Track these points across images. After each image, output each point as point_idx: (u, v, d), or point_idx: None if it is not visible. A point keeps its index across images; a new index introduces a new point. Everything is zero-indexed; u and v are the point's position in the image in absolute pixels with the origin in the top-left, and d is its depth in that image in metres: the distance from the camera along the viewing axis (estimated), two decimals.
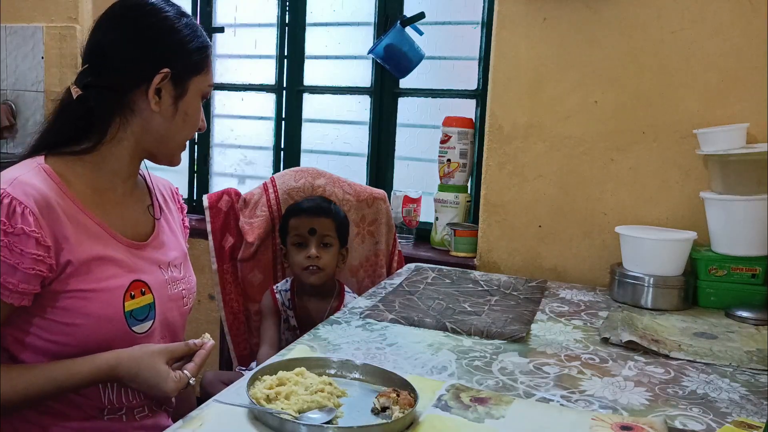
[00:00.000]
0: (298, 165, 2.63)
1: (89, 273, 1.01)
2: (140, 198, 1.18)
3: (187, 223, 1.33)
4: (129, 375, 1.01)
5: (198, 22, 1.15)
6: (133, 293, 1.05)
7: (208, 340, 1.08)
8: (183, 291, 1.17)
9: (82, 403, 1.05)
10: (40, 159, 1.05)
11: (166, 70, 1.05)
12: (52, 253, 0.97)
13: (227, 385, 1.05)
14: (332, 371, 1.05)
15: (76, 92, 1.05)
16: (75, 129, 1.07)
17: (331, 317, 1.38)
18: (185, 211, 1.34)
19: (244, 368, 1.82)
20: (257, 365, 1.60)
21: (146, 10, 1.07)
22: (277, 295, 1.75)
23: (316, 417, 0.90)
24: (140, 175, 1.20)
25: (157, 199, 1.22)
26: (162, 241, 1.17)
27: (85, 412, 1.06)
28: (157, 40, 1.06)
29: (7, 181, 0.97)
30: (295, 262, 1.70)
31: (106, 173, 1.09)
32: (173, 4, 1.10)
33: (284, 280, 1.80)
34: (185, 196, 2.82)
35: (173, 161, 1.15)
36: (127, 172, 1.12)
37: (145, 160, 1.15)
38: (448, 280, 1.72)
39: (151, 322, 1.08)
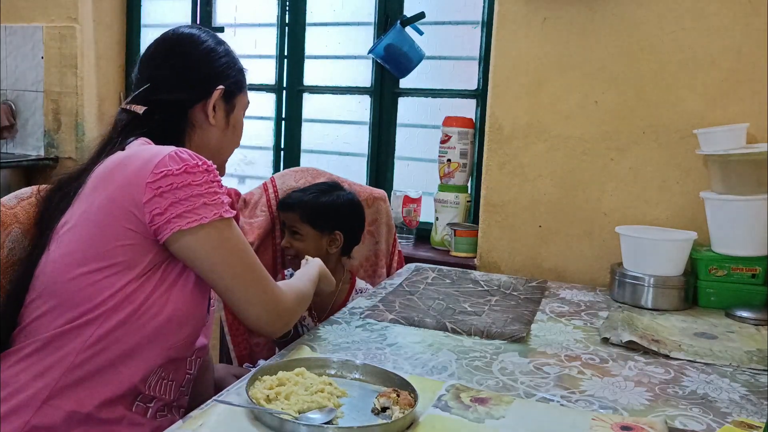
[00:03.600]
0: (298, 165, 2.63)
1: None
2: None
3: None
4: (325, 272, 1.40)
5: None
6: None
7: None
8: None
9: (124, 382, 1.03)
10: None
11: (221, 87, 1.20)
12: None
13: (239, 378, 1.05)
14: (332, 371, 1.05)
15: (140, 108, 1.15)
16: (156, 142, 1.14)
17: (331, 317, 1.39)
18: None
19: (251, 365, 1.83)
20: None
21: (195, 40, 1.22)
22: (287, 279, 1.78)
23: (316, 417, 0.90)
24: None
25: None
26: None
27: (121, 394, 1.03)
28: (210, 63, 1.21)
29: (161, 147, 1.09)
30: None
31: None
32: (213, 35, 1.25)
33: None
34: None
35: (221, 173, 1.24)
36: None
37: None
38: (448, 280, 1.72)
39: (211, 309, 1.21)
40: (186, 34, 1.22)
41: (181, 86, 1.18)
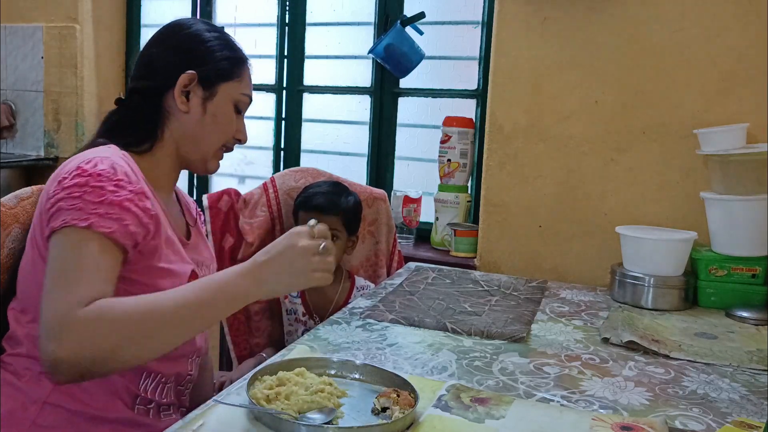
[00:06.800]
0: (298, 165, 2.63)
1: (164, 252, 1.06)
2: (176, 205, 1.26)
3: (204, 231, 1.40)
4: (273, 251, 0.99)
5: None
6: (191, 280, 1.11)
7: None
8: None
9: (119, 387, 1.05)
10: (115, 147, 1.10)
11: (191, 72, 1.13)
12: (154, 216, 1.03)
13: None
14: (332, 371, 1.05)
15: (117, 98, 1.16)
16: (136, 135, 1.14)
17: (331, 317, 1.38)
18: (202, 218, 1.42)
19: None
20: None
21: (180, 26, 1.19)
22: None
23: (316, 417, 0.90)
24: None
25: (185, 207, 1.30)
26: (196, 243, 1.24)
27: (119, 396, 1.05)
28: (186, 48, 1.16)
29: (104, 153, 1.04)
30: None
31: (159, 175, 1.15)
32: (209, 24, 1.21)
33: None
34: None
35: (208, 166, 1.20)
36: (173, 177, 1.21)
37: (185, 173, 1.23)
38: (448, 281, 1.72)
39: None
40: (174, 22, 1.20)
41: (150, 73, 1.16)
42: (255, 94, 1.26)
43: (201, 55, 1.15)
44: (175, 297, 0.93)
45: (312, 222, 1.00)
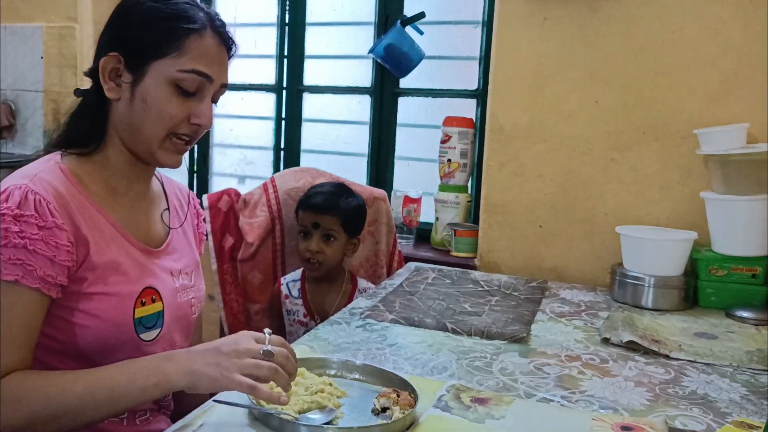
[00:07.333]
0: (298, 165, 2.63)
1: (103, 277, 1.00)
2: (155, 203, 1.16)
3: (203, 230, 1.31)
4: (212, 344, 0.92)
5: None
6: (143, 300, 1.04)
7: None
8: (192, 299, 1.16)
9: None
10: (57, 157, 1.05)
11: (113, 54, 1.03)
12: (74, 248, 0.97)
13: None
14: (332, 372, 1.05)
15: (76, 89, 1.10)
16: (81, 131, 1.08)
17: (332, 318, 1.38)
18: (201, 217, 1.32)
19: None
20: None
21: (117, 5, 1.07)
22: (284, 287, 1.77)
23: (316, 417, 0.90)
24: (159, 180, 1.20)
25: (174, 205, 1.21)
26: (174, 248, 1.15)
27: None
28: (112, 29, 1.06)
29: (27, 177, 0.97)
30: (299, 250, 1.75)
31: (115, 175, 1.08)
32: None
33: (295, 271, 1.81)
34: None
35: (159, 158, 1.06)
36: (135, 174, 1.10)
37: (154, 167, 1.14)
38: (448, 281, 1.72)
39: (158, 330, 1.06)
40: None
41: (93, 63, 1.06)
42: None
43: (126, 35, 1.03)
44: (86, 382, 0.91)
45: (267, 330, 0.93)
